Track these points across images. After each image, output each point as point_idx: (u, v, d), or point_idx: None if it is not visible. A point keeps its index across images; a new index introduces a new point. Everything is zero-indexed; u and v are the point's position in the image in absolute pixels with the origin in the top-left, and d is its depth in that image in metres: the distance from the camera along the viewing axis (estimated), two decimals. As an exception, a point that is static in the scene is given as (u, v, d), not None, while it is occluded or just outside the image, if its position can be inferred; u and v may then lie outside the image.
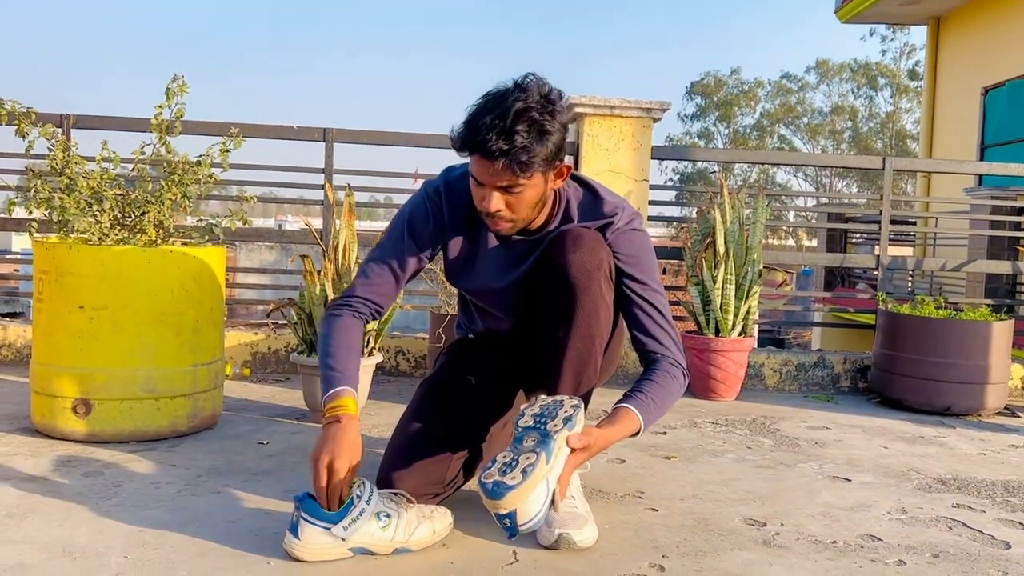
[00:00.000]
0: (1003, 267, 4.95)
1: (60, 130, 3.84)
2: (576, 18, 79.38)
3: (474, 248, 2.06)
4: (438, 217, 2.04)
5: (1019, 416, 3.63)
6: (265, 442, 2.68)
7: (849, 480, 2.52)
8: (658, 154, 4.23)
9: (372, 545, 1.74)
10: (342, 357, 1.92)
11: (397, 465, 1.95)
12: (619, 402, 1.92)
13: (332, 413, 1.83)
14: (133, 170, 2.85)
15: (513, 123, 1.74)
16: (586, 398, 1.99)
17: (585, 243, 1.94)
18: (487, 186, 1.82)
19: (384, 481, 1.94)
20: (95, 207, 2.69)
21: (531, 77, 1.81)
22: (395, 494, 1.84)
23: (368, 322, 2.08)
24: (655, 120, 4.09)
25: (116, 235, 2.70)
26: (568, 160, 1.91)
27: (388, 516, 1.75)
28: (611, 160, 4.02)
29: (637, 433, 1.92)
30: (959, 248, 8.34)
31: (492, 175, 1.80)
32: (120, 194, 2.75)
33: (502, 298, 2.12)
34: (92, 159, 2.81)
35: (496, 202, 1.83)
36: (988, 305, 4.06)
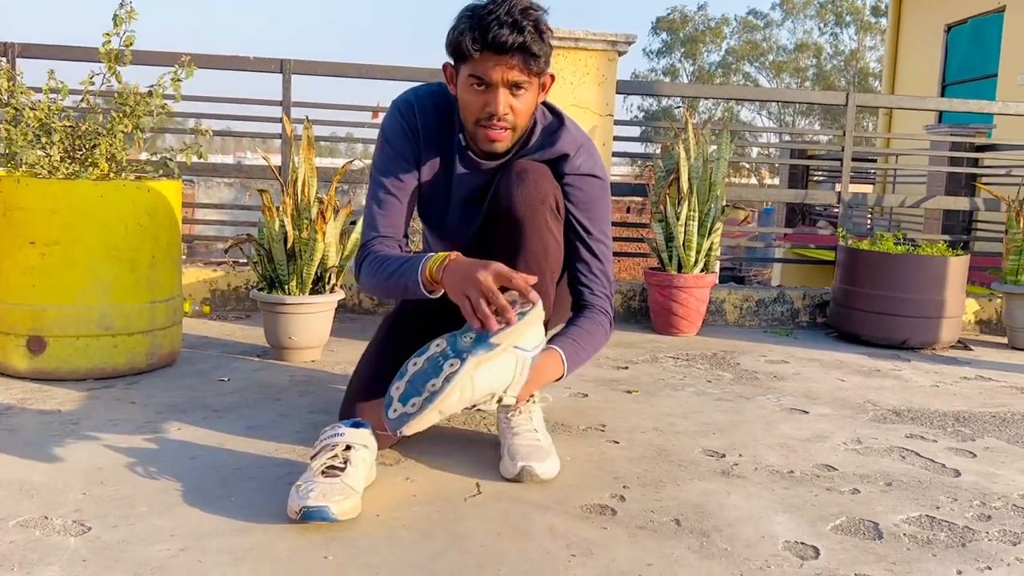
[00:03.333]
0: (961, 203, 5.02)
1: (4, 59, 3.69)
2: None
3: (445, 175, 2.04)
4: (413, 131, 2.02)
5: (971, 349, 3.71)
6: (226, 379, 2.65)
7: (806, 412, 2.56)
8: (623, 89, 4.18)
9: None
10: (398, 258, 1.90)
11: (361, 399, 1.94)
12: (547, 343, 1.93)
13: (436, 267, 1.78)
14: (83, 101, 2.76)
15: (522, 18, 1.79)
16: None
17: (530, 176, 1.92)
18: (496, 85, 1.82)
19: (347, 414, 1.93)
20: (44, 140, 2.60)
21: None
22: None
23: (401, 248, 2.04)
24: (620, 54, 4.03)
25: (67, 168, 2.62)
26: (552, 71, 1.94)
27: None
28: (575, 94, 3.97)
29: (560, 378, 1.97)
30: (918, 185, 8.44)
31: (505, 70, 1.81)
32: (70, 126, 2.66)
33: (466, 245, 2.11)
34: (39, 90, 2.71)
35: (504, 103, 1.84)
36: (945, 241, 4.12)
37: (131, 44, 2.68)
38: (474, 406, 1.74)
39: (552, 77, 1.96)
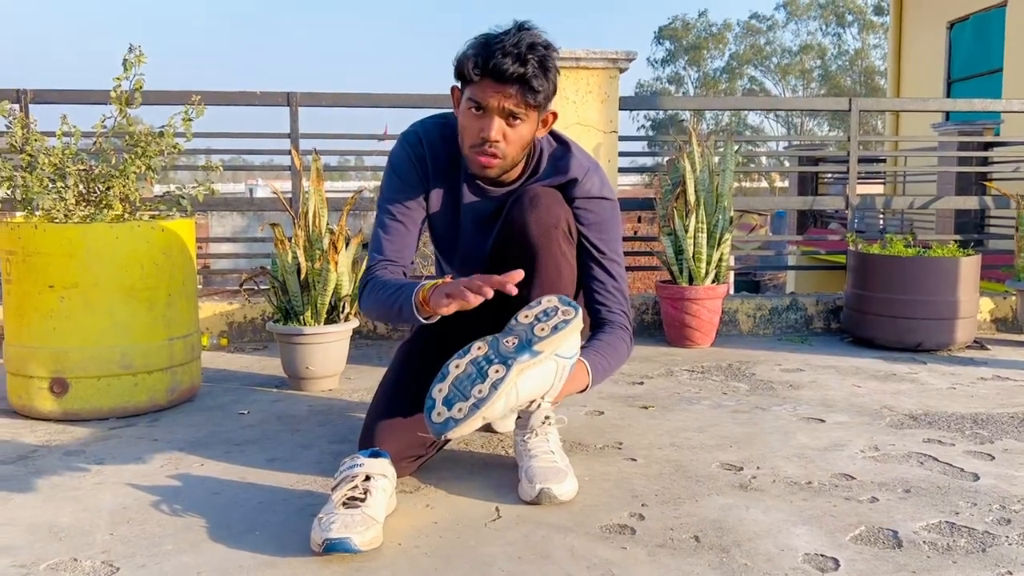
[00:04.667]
0: (971, 202, 5.02)
1: (17, 106, 3.76)
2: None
3: (454, 203, 2.09)
4: (421, 162, 2.07)
5: (988, 349, 3.70)
6: (246, 412, 2.69)
7: (823, 421, 2.57)
8: (626, 105, 4.21)
9: None
10: (396, 283, 1.96)
11: (379, 428, 1.96)
12: None
13: (428, 289, 1.83)
14: (95, 144, 2.81)
15: (527, 52, 1.84)
16: None
17: (542, 201, 1.97)
18: (492, 111, 1.87)
19: (367, 442, 1.95)
20: (59, 184, 2.65)
21: (528, 23, 1.90)
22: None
23: (404, 274, 2.10)
24: (622, 70, 4.06)
25: (82, 211, 2.67)
26: (554, 109, 1.99)
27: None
28: (579, 113, 4.00)
29: (584, 390, 2.00)
30: (928, 184, 8.41)
31: (503, 98, 1.86)
32: (83, 169, 2.71)
33: (478, 270, 2.14)
34: (52, 134, 2.76)
35: (497, 130, 1.88)
36: (956, 241, 4.11)
37: (140, 87, 2.73)
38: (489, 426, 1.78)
39: (555, 115, 2.01)
